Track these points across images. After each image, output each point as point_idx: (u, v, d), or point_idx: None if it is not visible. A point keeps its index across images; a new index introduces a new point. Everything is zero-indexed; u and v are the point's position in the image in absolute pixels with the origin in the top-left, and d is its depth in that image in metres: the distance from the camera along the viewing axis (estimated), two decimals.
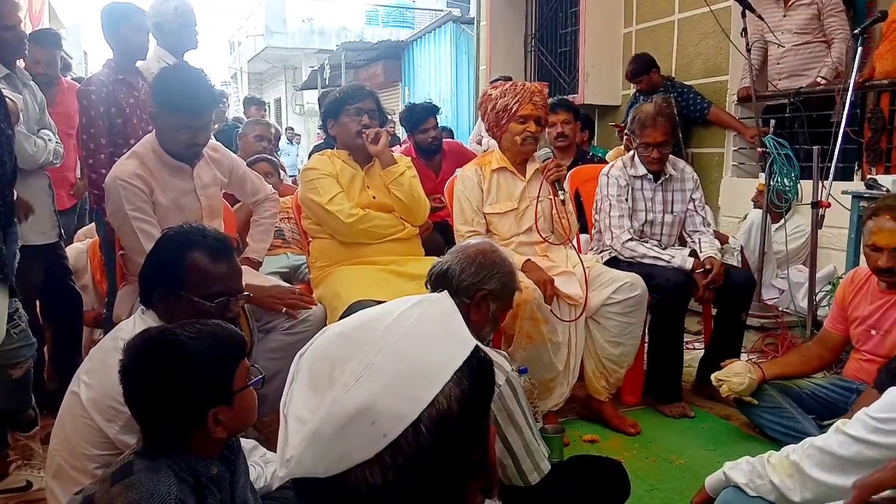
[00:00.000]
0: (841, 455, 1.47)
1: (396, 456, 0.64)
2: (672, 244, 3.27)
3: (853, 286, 2.64)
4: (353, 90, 2.90)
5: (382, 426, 0.63)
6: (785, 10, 4.36)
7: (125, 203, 2.36)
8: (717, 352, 3.02)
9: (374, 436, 0.63)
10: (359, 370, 0.65)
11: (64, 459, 1.61)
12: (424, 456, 0.64)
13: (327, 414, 0.64)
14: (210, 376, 1.32)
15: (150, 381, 1.30)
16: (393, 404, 0.64)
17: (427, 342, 0.68)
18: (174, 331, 1.35)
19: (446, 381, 0.66)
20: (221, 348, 1.35)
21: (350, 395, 0.64)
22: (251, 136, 4.49)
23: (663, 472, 2.51)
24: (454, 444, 0.66)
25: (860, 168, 3.97)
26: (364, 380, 0.65)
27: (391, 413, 0.64)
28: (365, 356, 0.66)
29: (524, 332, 2.61)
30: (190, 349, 1.31)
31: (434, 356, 0.68)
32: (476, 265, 1.90)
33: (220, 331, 1.38)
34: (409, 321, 0.69)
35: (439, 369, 0.67)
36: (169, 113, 2.40)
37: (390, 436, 0.63)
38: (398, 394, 0.65)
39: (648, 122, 3.10)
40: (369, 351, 0.66)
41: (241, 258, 2.52)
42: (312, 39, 20.79)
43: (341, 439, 0.63)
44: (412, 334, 0.68)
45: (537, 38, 7.15)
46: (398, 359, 0.66)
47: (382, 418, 0.64)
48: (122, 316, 2.33)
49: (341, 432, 0.63)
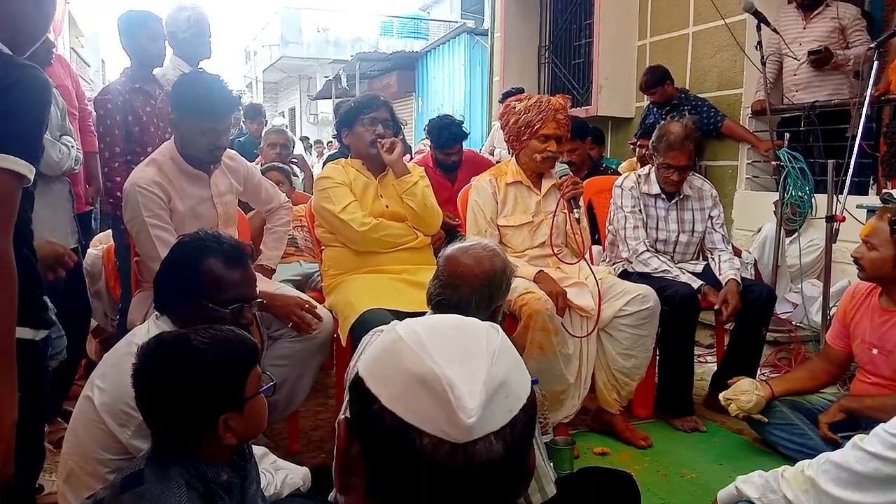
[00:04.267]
0: (858, 471, 1.45)
1: (513, 432, 0.69)
2: (686, 261, 3.26)
3: (854, 302, 2.60)
4: (368, 100, 2.92)
5: (511, 402, 0.70)
6: (806, 23, 4.35)
7: (143, 210, 2.38)
8: (733, 366, 2.99)
9: (506, 408, 0.70)
10: (492, 349, 0.72)
11: (76, 464, 1.62)
12: (520, 440, 0.71)
13: (489, 377, 0.69)
14: (222, 382, 1.33)
15: (162, 385, 1.31)
16: (518, 384, 0.72)
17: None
18: (187, 336, 1.36)
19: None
20: (234, 354, 1.36)
21: (496, 367, 0.70)
22: (265, 145, 4.53)
23: (674, 486, 2.49)
24: (528, 439, 0.73)
25: (875, 182, 3.94)
26: (501, 357, 0.72)
27: (517, 392, 0.71)
28: (490, 341, 0.73)
29: (535, 344, 2.60)
30: (203, 354, 1.32)
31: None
32: (487, 295, 1.84)
33: (234, 337, 1.39)
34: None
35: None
36: (191, 118, 2.42)
37: (514, 411, 0.70)
38: (520, 376, 0.73)
39: (676, 144, 3.07)
40: (485, 336, 0.74)
41: (254, 265, 2.54)
42: (327, 49, 20.95)
43: (490, 404, 0.68)
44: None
45: (551, 49, 7.16)
46: (510, 347, 0.75)
47: (512, 394, 0.71)
48: (136, 322, 2.35)
49: (493, 396, 0.69)
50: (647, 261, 3.12)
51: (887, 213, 2.42)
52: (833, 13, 4.26)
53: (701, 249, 3.33)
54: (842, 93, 4.23)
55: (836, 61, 4.18)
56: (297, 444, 2.77)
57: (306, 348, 2.48)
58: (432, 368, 0.69)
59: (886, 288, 2.47)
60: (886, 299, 2.48)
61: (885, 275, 2.41)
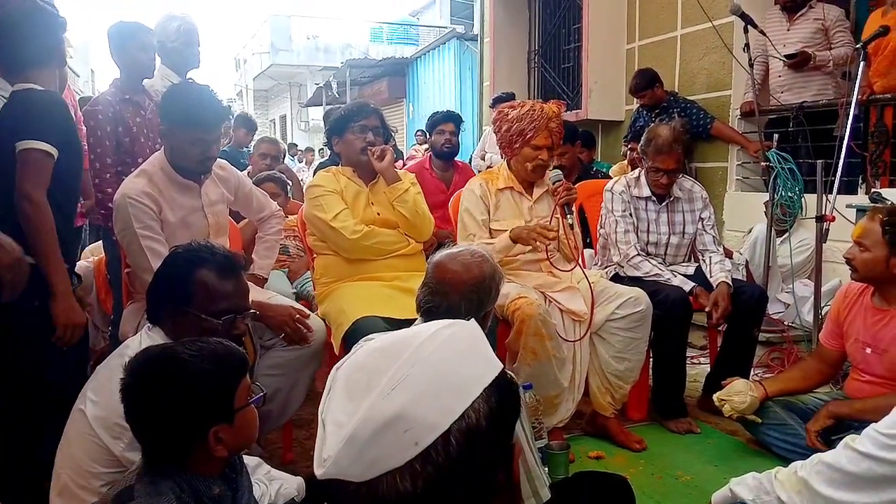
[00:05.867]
0: (850, 471, 1.46)
1: (426, 465, 0.66)
2: (678, 263, 3.27)
3: (847, 301, 2.61)
4: (358, 107, 2.92)
5: (415, 434, 0.67)
6: (790, 24, 4.38)
7: (134, 221, 2.37)
8: (726, 367, 3.00)
9: (407, 443, 0.66)
10: (395, 380, 0.68)
11: (69, 477, 1.61)
12: (452, 467, 0.67)
13: (364, 419, 0.67)
14: (211, 394, 1.32)
15: (150, 398, 1.30)
16: (425, 413, 0.67)
17: (459, 358, 0.72)
18: (175, 349, 1.36)
19: (476, 396, 0.70)
20: (222, 366, 1.35)
21: (386, 402, 0.67)
22: (256, 154, 4.52)
23: (669, 489, 2.50)
24: (480, 458, 0.69)
25: (864, 181, 3.97)
26: (400, 389, 0.68)
27: (424, 422, 0.67)
28: (401, 368, 0.69)
29: (529, 348, 2.60)
30: (191, 367, 1.31)
31: (466, 371, 0.71)
32: (476, 301, 1.85)
33: (222, 349, 1.38)
34: (441, 338, 0.73)
35: (470, 384, 0.70)
36: (181, 128, 2.41)
37: (422, 444, 0.66)
38: (431, 404, 0.68)
39: (665, 148, 3.08)
40: (405, 363, 0.70)
41: (246, 275, 2.53)
42: (317, 57, 20.96)
43: (376, 444, 0.67)
44: (445, 350, 0.72)
45: (540, 54, 7.19)
46: (432, 371, 0.70)
47: (415, 426, 0.67)
48: (128, 333, 2.34)
49: (376, 437, 0.67)
50: (638, 265, 3.13)
51: (878, 213, 2.43)
52: (817, 14, 4.29)
53: (692, 251, 3.34)
54: (827, 93, 4.26)
55: (815, 63, 4.21)
56: (292, 454, 2.76)
57: (299, 357, 2.48)
58: (322, 411, 0.73)
59: (879, 288, 2.49)
60: (879, 299, 2.50)
61: (877, 275, 2.42)
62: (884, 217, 2.38)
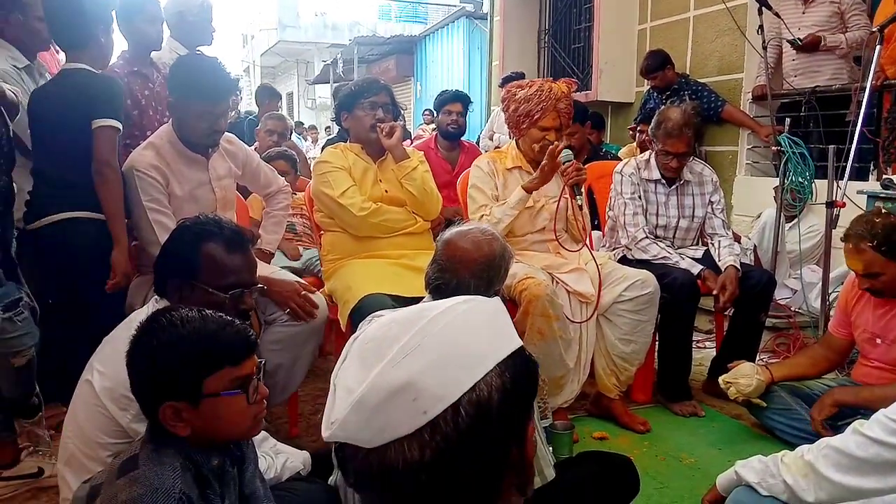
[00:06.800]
0: (858, 456, 1.45)
1: (435, 435, 0.66)
2: (686, 247, 3.26)
3: (854, 291, 2.59)
4: (368, 84, 2.90)
5: (423, 403, 0.66)
6: (805, 7, 4.31)
7: (141, 194, 2.37)
8: (732, 352, 2.99)
9: (415, 412, 0.66)
10: (406, 349, 0.68)
11: (77, 447, 1.61)
12: (461, 439, 0.66)
13: (372, 384, 0.67)
14: (169, 366, 1.26)
15: (131, 363, 1.30)
16: (435, 384, 0.67)
17: (474, 331, 0.71)
18: (168, 312, 1.32)
19: (489, 370, 0.69)
20: (197, 344, 1.27)
21: (396, 369, 0.67)
22: (262, 130, 4.50)
23: (673, 471, 2.50)
24: (492, 433, 0.68)
25: (876, 168, 3.93)
26: (410, 357, 0.68)
27: (432, 392, 0.66)
28: (413, 337, 0.69)
29: (535, 329, 2.60)
30: (163, 335, 1.28)
31: (479, 345, 0.70)
32: (486, 279, 1.83)
33: (211, 328, 1.30)
34: (458, 311, 0.72)
35: (483, 357, 0.69)
36: (189, 101, 2.40)
37: (430, 414, 0.66)
38: (441, 374, 0.67)
39: (675, 132, 3.06)
40: (418, 333, 0.69)
41: (253, 249, 2.53)
42: (325, 34, 20.83)
43: (384, 411, 0.66)
44: (461, 323, 0.71)
45: (551, 34, 7.12)
46: (445, 342, 0.69)
47: (424, 396, 0.66)
48: (135, 305, 2.34)
49: (384, 404, 0.66)
50: (646, 248, 3.11)
51: (859, 242, 2.37)
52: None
53: (701, 235, 3.32)
54: (841, 78, 4.21)
55: (826, 45, 4.15)
56: (297, 429, 2.78)
57: (300, 333, 2.48)
58: (335, 376, 0.74)
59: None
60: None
61: None
62: (869, 242, 2.34)
